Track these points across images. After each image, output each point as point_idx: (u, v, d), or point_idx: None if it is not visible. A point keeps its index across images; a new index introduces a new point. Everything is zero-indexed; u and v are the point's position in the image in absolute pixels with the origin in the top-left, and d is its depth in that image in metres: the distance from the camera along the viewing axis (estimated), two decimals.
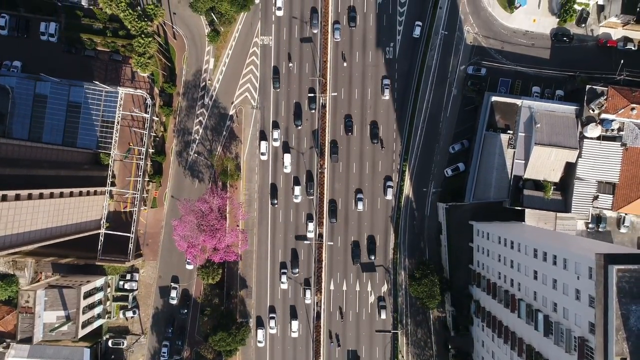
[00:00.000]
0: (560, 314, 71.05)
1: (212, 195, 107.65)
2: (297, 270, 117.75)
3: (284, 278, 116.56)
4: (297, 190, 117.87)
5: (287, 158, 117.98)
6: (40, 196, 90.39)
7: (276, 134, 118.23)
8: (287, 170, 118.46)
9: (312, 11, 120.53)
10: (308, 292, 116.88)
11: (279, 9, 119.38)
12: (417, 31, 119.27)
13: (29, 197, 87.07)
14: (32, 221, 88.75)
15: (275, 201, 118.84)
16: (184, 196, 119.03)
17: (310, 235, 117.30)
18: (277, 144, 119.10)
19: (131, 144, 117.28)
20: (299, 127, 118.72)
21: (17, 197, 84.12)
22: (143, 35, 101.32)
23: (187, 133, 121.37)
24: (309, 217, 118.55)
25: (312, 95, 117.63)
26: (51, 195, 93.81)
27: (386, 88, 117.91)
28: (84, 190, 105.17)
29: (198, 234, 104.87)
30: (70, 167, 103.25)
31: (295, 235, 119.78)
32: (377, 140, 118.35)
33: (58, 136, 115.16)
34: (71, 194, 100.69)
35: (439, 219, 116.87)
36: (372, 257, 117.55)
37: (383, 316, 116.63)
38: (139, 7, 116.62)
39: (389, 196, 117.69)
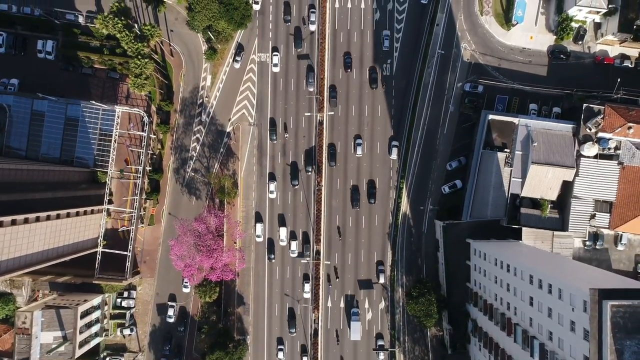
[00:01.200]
0: (555, 343, 71.04)
1: (209, 215, 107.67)
2: (294, 330, 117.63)
3: (280, 354, 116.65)
4: (294, 245, 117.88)
5: (283, 231, 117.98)
6: (37, 219, 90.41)
7: (272, 186, 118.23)
8: (283, 243, 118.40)
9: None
10: (305, 358, 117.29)
11: (275, 65, 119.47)
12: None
13: (25, 221, 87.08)
14: (28, 245, 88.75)
15: (273, 256, 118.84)
16: (181, 213, 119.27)
17: (306, 295, 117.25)
18: (273, 195, 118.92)
19: (128, 161, 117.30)
20: (296, 187, 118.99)
21: (13, 222, 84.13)
22: (139, 57, 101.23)
23: (184, 150, 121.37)
24: (305, 277, 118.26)
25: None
26: (48, 218, 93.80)
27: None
28: (81, 210, 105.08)
29: (195, 254, 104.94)
30: (67, 187, 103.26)
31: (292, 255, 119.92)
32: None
33: (55, 153, 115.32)
34: (68, 215, 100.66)
35: (437, 236, 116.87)
36: (372, 201, 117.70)
37: (382, 280, 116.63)
38: (136, 25, 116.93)
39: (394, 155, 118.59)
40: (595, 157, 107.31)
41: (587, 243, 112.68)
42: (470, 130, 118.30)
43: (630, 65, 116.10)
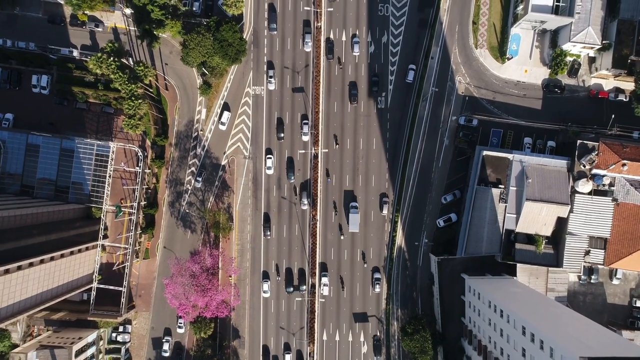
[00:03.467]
0: None
1: (204, 254, 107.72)
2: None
3: None
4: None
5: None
6: (30, 265, 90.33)
7: (266, 286, 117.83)
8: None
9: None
10: None
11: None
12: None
13: (19, 268, 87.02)
14: (22, 291, 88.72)
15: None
16: (176, 246, 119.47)
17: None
18: (267, 295, 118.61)
19: (122, 201, 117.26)
20: (292, 299, 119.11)
21: (7, 272, 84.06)
22: (133, 98, 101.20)
23: (179, 183, 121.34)
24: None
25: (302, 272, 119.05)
26: (42, 262, 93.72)
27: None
28: (76, 249, 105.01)
29: (189, 293, 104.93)
30: (62, 228, 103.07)
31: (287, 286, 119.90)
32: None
33: (50, 188, 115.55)
34: (62, 256, 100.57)
35: (432, 269, 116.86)
36: (375, 89, 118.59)
37: (384, 212, 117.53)
38: (130, 59, 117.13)
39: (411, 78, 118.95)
40: (590, 193, 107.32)
41: (582, 277, 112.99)
42: (465, 163, 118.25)
43: (624, 99, 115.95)
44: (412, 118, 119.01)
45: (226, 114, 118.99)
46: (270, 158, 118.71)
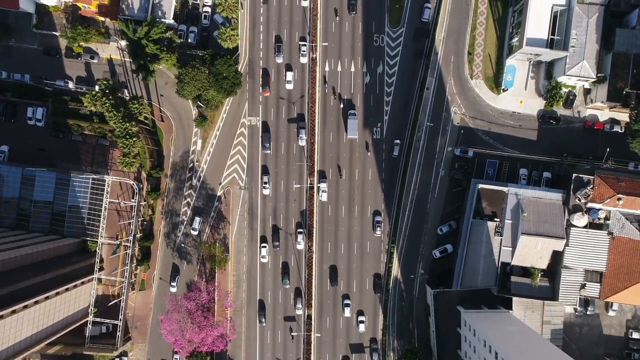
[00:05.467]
0: None
1: (198, 291, 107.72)
2: None
3: None
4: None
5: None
6: (25, 307, 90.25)
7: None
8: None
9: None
10: None
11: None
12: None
13: (13, 312, 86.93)
14: (16, 334, 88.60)
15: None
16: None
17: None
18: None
19: (119, 236, 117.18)
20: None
21: (1, 317, 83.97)
22: (128, 136, 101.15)
23: (175, 215, 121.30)
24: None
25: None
26: (36, 303, 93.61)
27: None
28: (71, 285, 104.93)
29: (185, 329, 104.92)
30: (57, 265, 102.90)
31: (283, 317, 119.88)
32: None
33: (46, 220, 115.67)
34: (57, 294, 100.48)
35: (428, 301, 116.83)
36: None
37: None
38: (125, 91, 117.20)
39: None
40: (585, 227, 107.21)
41: (578, 309, 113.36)
42: (461, 194, 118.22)
43: (620, 131, 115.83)
44: (408, 149, 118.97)
45: (197, 219, 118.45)
46: (265, 247, 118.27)
